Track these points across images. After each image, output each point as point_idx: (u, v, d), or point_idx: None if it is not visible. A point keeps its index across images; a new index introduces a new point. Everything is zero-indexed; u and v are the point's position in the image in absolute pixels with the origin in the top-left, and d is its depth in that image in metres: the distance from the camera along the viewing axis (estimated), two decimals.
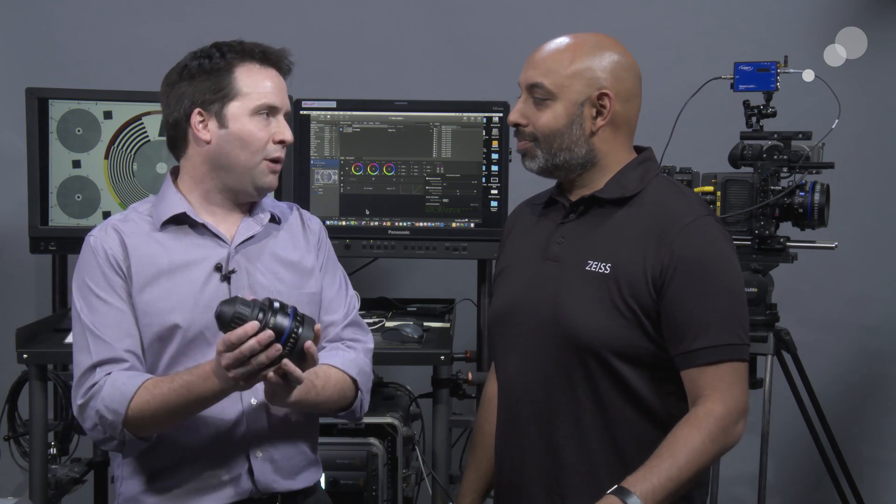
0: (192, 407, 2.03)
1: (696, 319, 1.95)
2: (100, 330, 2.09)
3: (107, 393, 2.04)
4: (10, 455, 3.27)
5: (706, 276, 1.97)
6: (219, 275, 2.13)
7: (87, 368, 2.08)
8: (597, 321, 2.00)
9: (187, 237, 2.15)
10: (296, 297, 2.18)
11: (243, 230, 2.18)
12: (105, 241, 2.12)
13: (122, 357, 2.07)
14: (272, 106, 2.13)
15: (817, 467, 3.32)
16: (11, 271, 3.78)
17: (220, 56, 2.12)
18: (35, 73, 3.61)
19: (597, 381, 2.01)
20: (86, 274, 2.12)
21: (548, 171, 2.11)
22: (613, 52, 2.06)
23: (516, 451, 2.12)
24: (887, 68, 3.64)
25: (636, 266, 1.99)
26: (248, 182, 2.15)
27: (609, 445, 2.02)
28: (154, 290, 2.10)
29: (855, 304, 3.73)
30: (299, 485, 2.21)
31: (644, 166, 2.11)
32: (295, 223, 2.29)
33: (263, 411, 2.15)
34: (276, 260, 2.21)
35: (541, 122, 2.06)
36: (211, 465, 2.12)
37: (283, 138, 2.14)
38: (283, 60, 2.18)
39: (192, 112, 2.13)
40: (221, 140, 2.13)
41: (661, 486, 1.86)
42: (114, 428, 2.04)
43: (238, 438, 2.13)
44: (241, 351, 1.89)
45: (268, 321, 1.91)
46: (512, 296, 2.14)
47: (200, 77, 2.12)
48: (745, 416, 1.97)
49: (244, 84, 2.11)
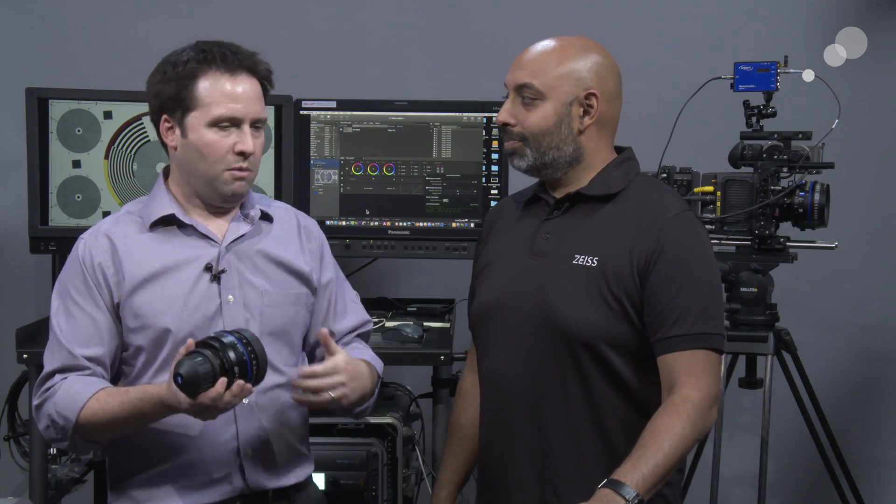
0: (139, 424, 2.06)
1: (675, 308, 2.01)
2: (66, 336, 2.10)
3: (59, 398, 2.07)
4: (10, 455, 3.27)
5: (687, 267, 2.04)
6: (209, 275, 2.13)
7: (47, 372, 2.12)
8: (586, 313, 2.05)
9: (177, 238, 2.15)
10: (283, 297, 2.19)
11: (233, 229, 2.18)
12: (94, 248, 2.13)
13: (83, 365, 2.09)
14: (231, 117, 2.08)
15: (817, 467, 3.32)
16: (11, 271, 3.78)
17: (184, 63, 2.09)
18: (35, 73, 3.61)
19: (585, 372, 2.06)
20: (68, 278, 2.15)
21: (536, 169, 2.15)
22: (597, 54, 2.12)
23: (505, 442, 2.15)
24: (887, 68, 3.63)
25: (622, 259, 2.05)
26: (212, 191, 2.14)
27: (597, 433, 2.08)
28: (145, 293, 2.11)
29: (855, 304, 3.72)
30: (290, 481, 2.22)
31: (626, 165, 2.17)
32: (289, 224, 2.28)
33: (254, 411, 2.15)
34: (265, 259, 2.20)
35: (530, 121, 2.11)
36: (201, 462, 2.13)
37: (242, 149, 2.09)
38: (257, 66, 2.12)
39: (160, 118, 2.13)
40: (183, 149, 2.12)
41: (651, 474, 1.90)
42: (64, 432, 2.07)
43: (229, 437, 2.13)
44: (219, 407, 1.92)
45: (229, 364, 1.91)
46: (497, 291, 2.17)
47: (167, 83, 2.10)
48: (717, 403, 2.03)
49: (204, 94, 2.08)
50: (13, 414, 3.28)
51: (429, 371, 3.02)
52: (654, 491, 1.92)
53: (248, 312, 2.14)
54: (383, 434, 2.94)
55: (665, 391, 2.01)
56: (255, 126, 2.13)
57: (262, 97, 2.14)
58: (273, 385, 2.17)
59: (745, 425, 3.64)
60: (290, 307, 2.21)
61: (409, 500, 3.08)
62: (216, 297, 2.13)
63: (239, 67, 2.10)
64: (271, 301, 2.18)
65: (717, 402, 2.02)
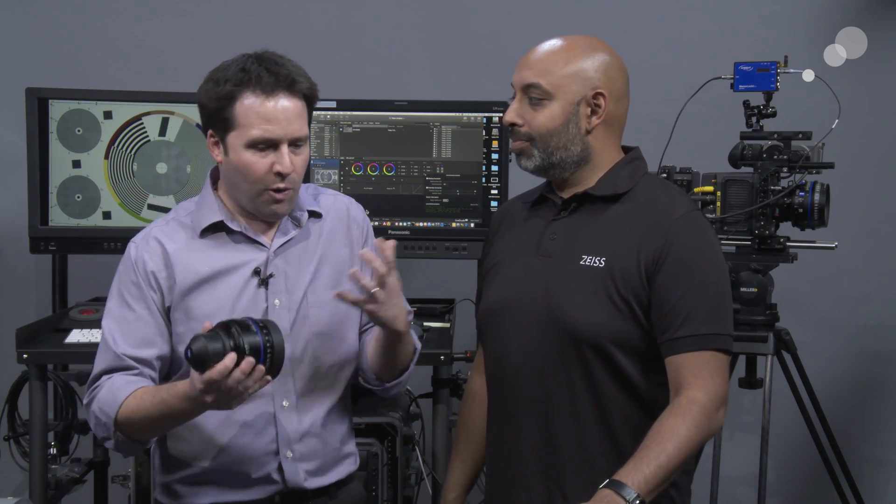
0: (171, 421, 2.07)
1: (683, 308, 2.00)
2: (115, 338, 2.13)
3: (102, 396, 2.10)
4: (10, 455, 3.27)
5: (695, 267, 2.03)
6: (257, 279, 2.15)
7: (95, 374, 2.15)
8: (594, 314, 2.04)
9: (226, 243, 2.17)
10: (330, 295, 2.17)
11: (281, 234, 2.19)
12: (146, 251, 2.15)
13: (129, 365, 2.11)
14: (266, 139, 2.07)
15: (817, 467, 3.32)
16: (11, 271, 3.79)
17: (224, 83, 2.08)
18: (35, 73, 3.61)
19: (593, 372, 2.06)
20: (120, 280, 2.17)
21: (543, 170, 2.14)
22: (605, 53, 2.11)
23: (513, 443, 2.15)
24: (887, 68, 3.63)
25: (630, 259, 2.04)
26: (254, 208, 2.15)
27: (605, 434, 2.07)
28: (196, 297, 2.13)
29: (855, 304, 3.73)
30: (330, 479, 2.24)
31: (633, 165, 2.16)
32: (337, 217, 2.28)
33: (294, 412, 2.17)
34: (314, 260, 2.21)
35: (537, 121, 2.10)
36: (241, 463, 2.15)
37: (279, 170, 2.09)
38: (295, 85, 2.10)
39: (207, 131, 2.15)
40: (226, 165, 2.14)
41: (653, 475, 1.89)
42: (107, 429, 2.09)
43: (269, 439, 2.15)
44: (228, 385, 1.90)
45: (242, 345, 1.90)
46: (505, 292, 2.17)
47: (209, 100, 2.11)
48: (725, 404, 2.01)
49: (242, 116, 2.07)
50: (13, 414, 3.28)
51: (429, 371, 3.02)
52: (657, 492, 1.91)
53: (294, 315, 2.16)
54: (383, 434, 2.94)
55: (672, 392, 2.00)
56: (297, 144, 2.12)
57: (303, 114, 2.12)
58: (318, 387, 2.20)
59: (745, 425, 3.64)
60: (340, 305, 2.19)
61: (409, 500, 3.08)
62: (263, 302, 2.15)
63: (276, 87, 2.08)
64: (318, 301, 2.19)
65: (724, 403, 2.01)
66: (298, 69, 2.13)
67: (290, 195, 2.14)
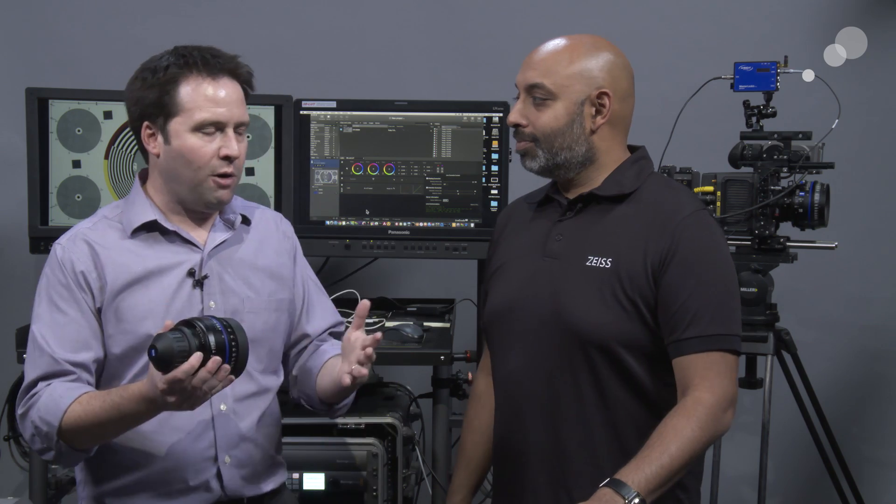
0: (122, 425, 2.01)
1: (689, 309, 1.99)
2: (49, 343, 2.07)
3: (42, 404, 2.03)
4: (10, 455, 3.26)
5: (701, 266, 2.02)
6: (191, 280, 2.12)
7: (30, 381, 2.08)
8: (600, 315, 2.03)
9: (159, 244, 2.13)
10: (265, 303, 2.19)
11: (214, 234, 2.17)
12: (73, 252, 2.11)
13: (67, 370, 2.06)
14: (215, 122, 2.07)
15: (817, 467, 3.32)
16: (11, 271, 3.78)
17: (165, 69, 2.07)
18: (35, 73, 3.61)
19: (600, 374, 2.04)
20: (49, 284, 2.11)
21: (548, 170, 2.13)
22: (609, 53, 2.10)
23: (520, 445, 2.14)
24: (887, 68, 3.63)
25: (636, 260, 2.03)
26: (196, 198, 2.12)
27: (611, 436, 2.06)
28: (128, 297, 2.09)
29: (855, 304, 3.72)
30: (267, 487, 2.22)
31: (639, 164, 2.15)
32: (267, 226, 2.27)
33: (232, 417, 2.14)
34: (247, 265, 2.19)
35: (541, 121, 2.09)
36: (178, 470, 2.11)
37: (227, 153, 2.08)
38: (238, 69, 2.11)
39: (141, 125, 2.11)
40: (166, 155, 2.10)
41: (654, 475, 1.88)
42: (49, 439, 2.03)
43: (207, 444, 2.12)
44: (193, 385, 1.86)
45: (208, 344, 1.87)
46: (510, 293, 2.16)
47: (147, 89, 2.08)
48: (733, 405, 2.00)
49: (186, 99, 2.06)
50: (13, 414, 3.28)
51: (429, 371, 3.02)
52: (659, 492, 1.90)
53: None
54: (383, 434, 2.93)
55: (680, 394, 1.99)
56: (238, 130, 2.11)
57: (244, 101, 2.13)
58: (251, 392, 2.17)
59: (745, 425, 3.64)
60: (271, 313, 2.20)
61: (409, 500, 3.08)
62: (198, 303, 2.12)
63: (221, 71, 2.08)
64: (253, 307, 2.17)
65: (732, 404, 1.99)
66: (237, 57, 2.12)
67: (234, 182, 2.12)
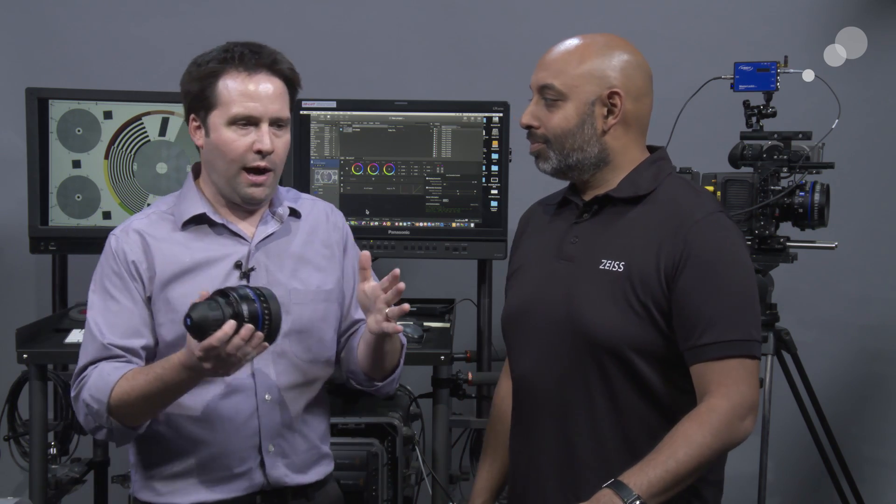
0: (167, 396, 2.06)
1: (705, 314, 1.94)
2: (102, 329, 2.13)
3: (92, 383, 2.09)
4: (10, 455, 3.27)
5: (716, 271, 1.96)
6: (238, 272, 2.16)
7: (81, 366, 2.14)
8: (611, 319, 2.00)
9: (208, 236, 2.18)
10: (312, 294, 2.22)
11: (263, 227, 2.20)
12: (126, 242, 2.16)
13: (116, 354, 2.12)
14: (249, 116, 2.11)
15: (817, 467, 3.32)
16: (11, 271, 3.79)
17: (207, 63, 2.13)
18: (35, 73, 3.61)
19: (611, 378, 2.01)
20: (103, 273, 2.18)
21: (561, 171, 2.11)
22: (623, 52, 2.07)
23: (531, 449, 2.13)
24: (887, 68, 3.64)
25: (649, 264, 1.99)
26: (231, 191, 2.16)
27: (622, 441, 2.02)
28: (177, 287, 2.14)
29: (855, 304, 3.73)
30: (310, 479, 2.25)
31: (657, 165, 2.11)
32: (317, 218, 2.30)
33: (276, 407, 2.18)
34: (293, 257, 2.23)
35: (552, 122, 2.07)
36: (223, 457, 2.15)
37: (259, 148, 2.11)
38: (277, 65, 2.14)
39: (189, 117, 2.17)
40: (207, 147, 2.16)
41: (658, 479, 1.86)
42: (99, 416, 2.08)
43: (251, 433, 2.16)
44: (227, 352, 1.90)
45: (241, 312, 1.91)
46: (525, 295, 2.15)
47: (192, 82, 2.14)
48: (753, 412, 1.95)
49: (224, 93, 2.11)
50: (13, 414, 3.28)
51: (429, 371, 3.02)
52: (663, 498, 1.87)
53: None
54: (383, 434, 2.93)
55: (699, 401, 1.95)
56: (276, 125, 2.15)
57: (284, 96, 2.16)
58: (297, 382, 2.20)
59: None
60: (319, 304, 2.22)
61: (409, 500, 3.08)
62: None
63: (257, 66, 2.12)
64: (299, 299, 2.20)
65: (751, 410, 1.94)
66: (280, 54, 2.17)
67: (270, 179, 2.16)
